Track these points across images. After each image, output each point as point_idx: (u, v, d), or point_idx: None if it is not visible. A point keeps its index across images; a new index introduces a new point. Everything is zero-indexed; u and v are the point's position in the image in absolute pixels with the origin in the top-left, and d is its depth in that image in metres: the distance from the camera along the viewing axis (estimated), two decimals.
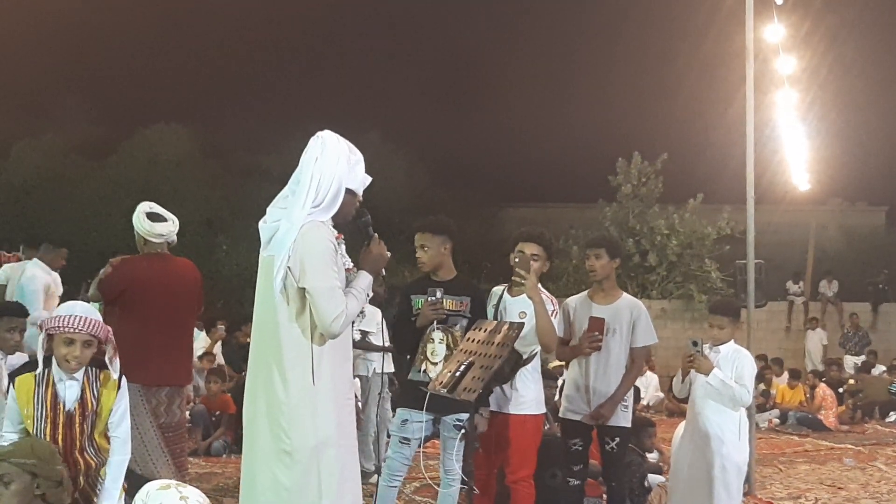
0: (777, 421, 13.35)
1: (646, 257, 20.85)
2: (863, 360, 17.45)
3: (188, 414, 8.05)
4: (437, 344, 4.97)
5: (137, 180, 21.51)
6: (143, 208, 5.77)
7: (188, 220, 5.80)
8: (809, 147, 16.38)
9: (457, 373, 4.12)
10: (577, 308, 5.59)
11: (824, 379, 14.36)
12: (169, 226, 5.74)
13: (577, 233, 20.85)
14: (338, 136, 3.78)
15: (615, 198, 21.77)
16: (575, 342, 5.51)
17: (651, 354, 14.52)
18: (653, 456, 7.84)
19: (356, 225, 3.90)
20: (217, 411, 9.56)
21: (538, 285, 5.00)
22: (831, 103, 19.12)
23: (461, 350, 4.35)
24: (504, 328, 4.29)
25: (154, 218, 5.74)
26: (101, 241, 18.58)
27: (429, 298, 4.95)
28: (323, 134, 3.76)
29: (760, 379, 13.57)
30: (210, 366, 11.02)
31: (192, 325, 6.12)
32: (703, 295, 19.74)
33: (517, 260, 4.98)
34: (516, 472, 5.08)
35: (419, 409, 4.68)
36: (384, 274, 4.02)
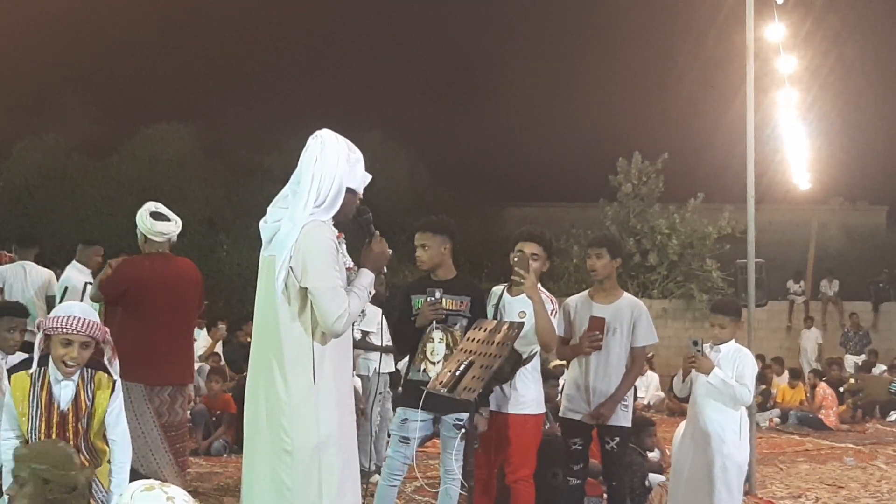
0: (778, 420, 13.36)
1: (646, 257, 20.84)
2: (863, 360, 17.45)
3: (189, 413, 8.06)
4: (437, 343, 4.98)
5: (139, 180, 21.52)
6: (149, 207, 5.81)
7: (190, 220, 5.81)
8: (810, 146, 16.42)
9: (457, 372, 4.12)
10: (578, 307, 5.59)
11: (825, 378, 14.36)
12: (171, 225, 5.76)
13: (578, 232, 20.85)
14: (336, 135, 3.77)
15: (616, 197, 21.76)
16: (575, 341, 5.51)
17: (650, 353, 14.54)
18: (654, 455, 7.85)
19: (357, 223, 3.90)
20: (218, 411, 9.57)
21: (538, 285, 5.01)
22: (832, 103, 19.14)
23: (461, 349, 4.36)
24: (504, 328, 4.30)
25: (157, 217, 5.76)
26: (103, 241, 18.43)
27: (428, 298, 4.96)
28: (321, 133, 3.75)
29: (761, 378, 13.59)
30: (215, 365, 11.03)
31: (193, 325, 6.14)
32: (704, 294, 19.75)
33: (516, 259, 4.98)
34: (517, 472, 5.08)
35: (419, 409, 4.70)
36: (385, 272, 4.03)
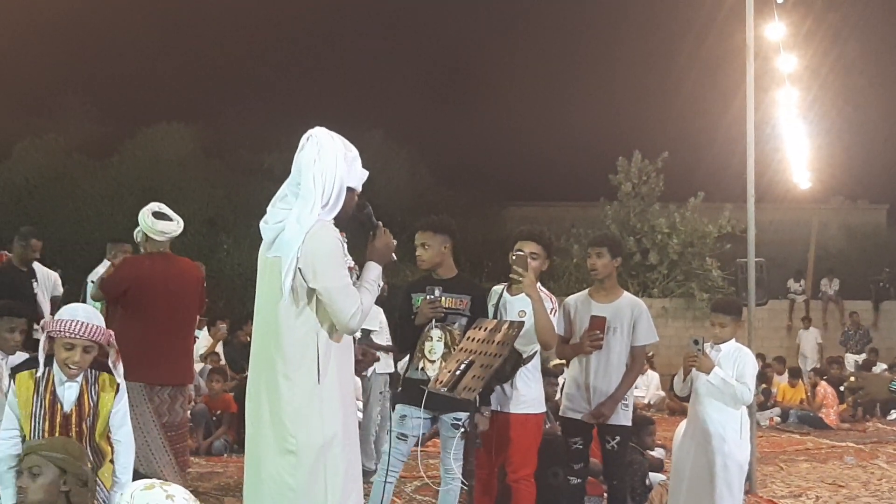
0: (778, 419, 13.37)
1: (647, 256, 20.83)
2: (864, 359, 17.45)
3: (189, 413, 8.06)
4: (436, 342, 4.99)
5: (140, 180, 21.53)
6: (152, 206, 5.83)
7: (190, 220, 5.81)
8: (810, 145, 16.42)
9: (457, 372, 4.13)
10: (578, 307, 5.59)
11: (825, 377, 14.37)
12: (172, 225, 5.77)
13: (579, 231, 20.83)
14: (331, 133, 3.73)
15: (616, 196, 21.75)
16: (576, 341, 5.52)
17: (651, 353, 14.55)
18: (659, 452, 7.86)
19: (357, 218, 3.87)
20: (218, 411, 9.58)
21: (537, 284, 5.02)
22: (832, 101, 19.15)
23: (461, 349, 4.36)
24: (504, 327, 4.30)
25: (159, 216, 5.77)
26: (104, 241, 18.55)
27: (427, 297, 4.97)
28: (316, 133, 3.72)
29: (762, 378, 13.60)
30: (215, 365, 11.02)
31: (194, 325, 6.13)
32: (705, 293, 19.73)
33: (514, 258, 4.99)
34: (517, 471, 5.09)
35: (418, 406, 4.70)
36: (395, 258, 4.01)
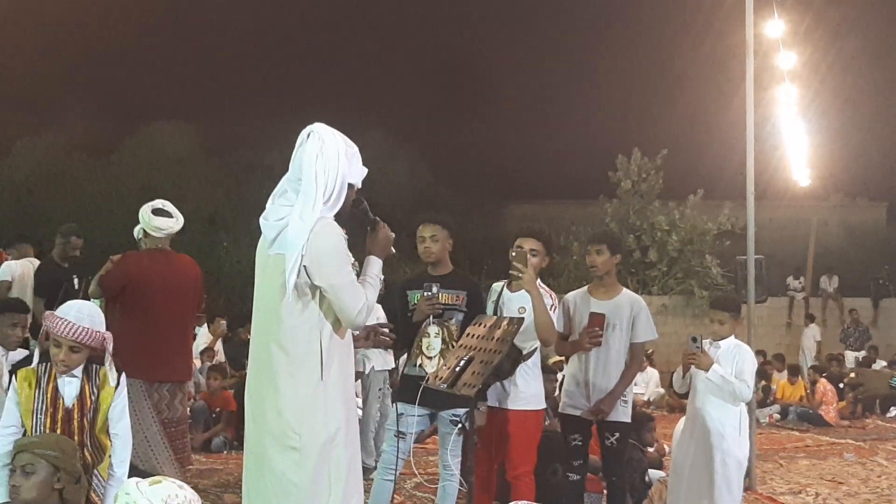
0: (778, 416, 13.38)
1: (646, 253, 20.85)
2: (863, 356, 17.46)
3: (189, 410, 8.07)
4: (433, 338, 4.99)
5: (139, 178, 21.55)
6: (154, 203, 5.82)
7: (190, 218, 5.82)
8: (810, 143, 16.43)
9: (456, 368, 4.13)
10: (578, 303, 5.59)
11: (825, 374, 14.37)
12: (169, 221, 5.75)
13: (578, 229, 20.85)
14: (332, 130, 3.72)
15: (616, 194, 21.77)
16: (575, 338, 5.52)
17: (650, 350, 14.55)
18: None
19: (354, 213, 3.86)
20: (217, 408, 9.59)
21: (537, 280, 5.02)
22: (832, 99, 19.16)
23: (461, 345, 4.36)
24: (504, 323, 4.31)
25: (158, 213, 5.77)
26: (103, 239, 18.59)
27: (424, 293, 4.98)
28: (317, 129, 3.70)
29: (762, 375, 13.61)
30: (210, 361, 11.02)
31: (193, 322, 6.13)
32: (704, 291, 19.75)
33: (514, 254, 4.99)
34: (517, 468, 5.09)
35: (416, 404, 4.71)
36: (394, 252, 4.02)
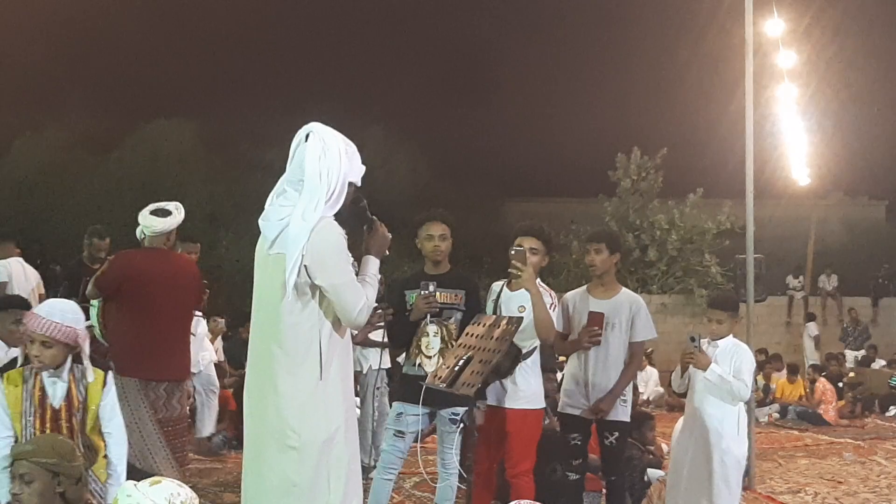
0: (777, 415, 13.37)
1: (646, 252, 20.86)
2: (863, 355, 17.47)
3: (188, 409, 8.06)
4: (432, 337, 4.99)
5: (140, 175, 21.53)
6: (157, 204, 5.82)
7: (191, 215, 5.81)
8: (810, 141, 16.41)
9: (455, 367, 4.14)
10: (577, 303, 5.60)
11: (824, 373, 14.38)
12: (158, 220, 5.72)
13: (578, 228, 20.86)
14: (331, 129, 3.73)
15: (615, 192, 21.78)
16: (574, 337, 5.53)
17: (650, 349, 14.55)
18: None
19: (353, 211, 3.86)
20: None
21: (537, 279, 5.03)
22: (831, 97, 19.15)
23: (460, 345, 4.37)
24: (503, 322, 4.32)
25: (155, 213, 5.77)
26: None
27: (421, 292, 4.98)
28: (317, 129, 3.70)
29: (760, 367, 13.63)
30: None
31: (190, 321, 6.08)
32: (704, 289, 19.76)
33: (514, 252, 5.00)
34: (517, 467, 5.09)
35: (415, 403, 4.72)
36: (388, 253, 4.03)
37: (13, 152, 22.99)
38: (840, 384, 14.43)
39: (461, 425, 4.89)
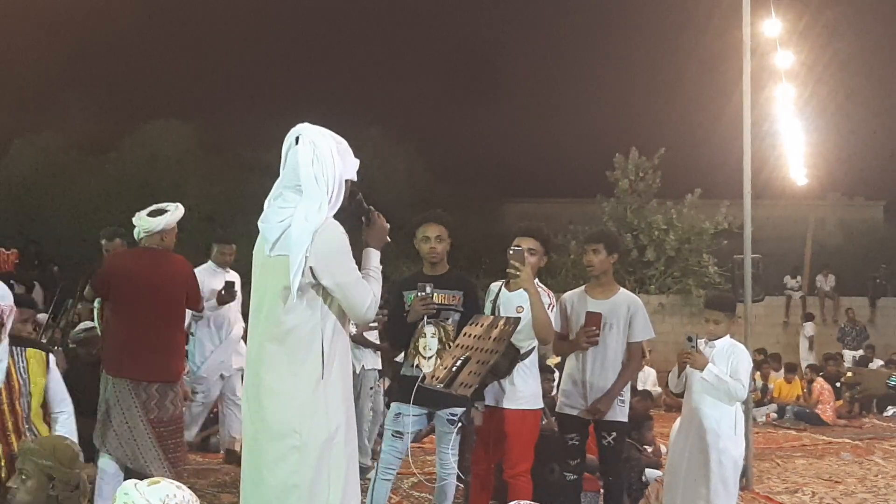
0: (775, 415, 13.38)
1: (644, 252, 20.86)
2: (860, 355, 17.46)
3: (184, 409, 8.05)
4: (430, 338, 5.00)
5: (137, 176, 21.54)
6: (155, 206, 5.82)
7: (188, 216, 5.81)
8: (807, 142, 16.41)
9: (453, 368, 4.14)
10: (575, 303, 5.60)
11: (822, 373, 14.38)
12: (151, 220, 5.71)
13: (576, 228, 20.88)
14: (319, 130, 3.71)
15: (613, 193, 21.78)
16: (572, 337, 5.54)
17: (648, 349, 14.55)
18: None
19: (350, 206, 3.84)
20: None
21: (535, 280, 5.03)
22: (829, 98, 19.16)
23: (458, 345, 4.37)
24: (500, 323, 4.32)
25: (151, 213, 5.77)
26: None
27: (418, 293, 4.99)
28: (305, 132, 3.68)
29: (759, 373, 13.65)
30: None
31: (182, 321, 6.03)
32: (701, 290, 19.74)
33: (512, 252, 5.00)
34: (515, 467, 5.10)
35: (413, 403, 4.72)
36: (389, 240, 4.02)
37: (11, 153, 22.99)
38: (838, 384, 14.42)
39: (459, 426, 4.89)
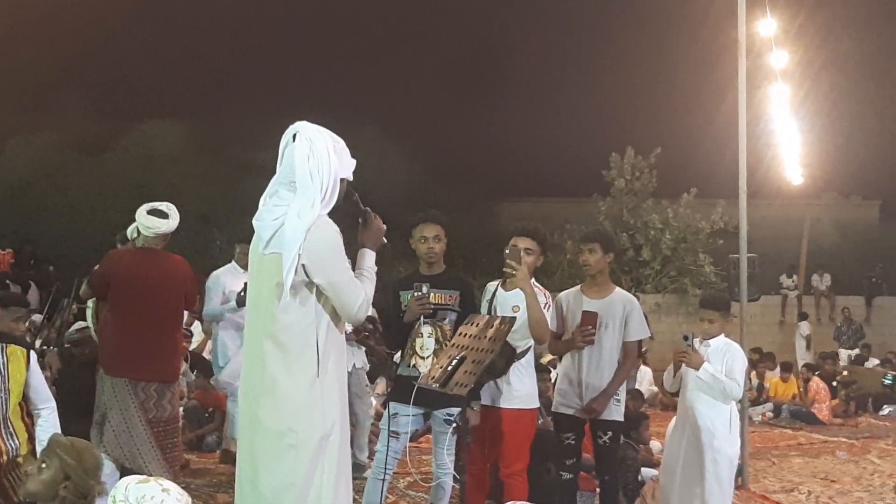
0: (771, 414, 13.39)
1: (640, 252, 20.87)
2: (856, 354, 17.49)
3: (182, 409, 8.04)
4: (426, 338, 5.01)
5: (133, 176, 21.50)
6: (154, 204, 5.82)
7: (184, 217, 5.81)
8: (803, 141, 16.43)
9: (448, 367, 4.14)
10: (570, 302, 5.61)
11: (818, 372, 14.40)
12: (158, 221, 5.72)
13: (572, 227, 20.86)
14: (317, 127, 3.72)
15: (609, 192, 21.79)
16: (568, 336, 5.54)
17: (644, 348, 14.56)
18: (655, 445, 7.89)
19: (346, 206, 3.86)
20: (210, 407, 9.55)
21: (531, 279, 5.03)
22: (824, 97, 19.17)
23: (453, 345, 4.37)
24: (496, 322, 4.32)
25: (153, 213, 5.76)
26: (97, 238, 18.55)
27: (415, 293, 4.99)
28: (302, 129, 3.69)
29: (755, 372, 13.65)
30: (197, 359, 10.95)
31: (180, 322, 6.03)
32: (697, 289, 19.78)
33: (508, 251, 5.01)
34: (510, 466, 5.11)
35: (409, 404, 4.72)
36: (386, 242, 4.03)
37: (7, 153, 22.94)
38: (834, 383, 14.43)
39: (455, 425, 4.89)
